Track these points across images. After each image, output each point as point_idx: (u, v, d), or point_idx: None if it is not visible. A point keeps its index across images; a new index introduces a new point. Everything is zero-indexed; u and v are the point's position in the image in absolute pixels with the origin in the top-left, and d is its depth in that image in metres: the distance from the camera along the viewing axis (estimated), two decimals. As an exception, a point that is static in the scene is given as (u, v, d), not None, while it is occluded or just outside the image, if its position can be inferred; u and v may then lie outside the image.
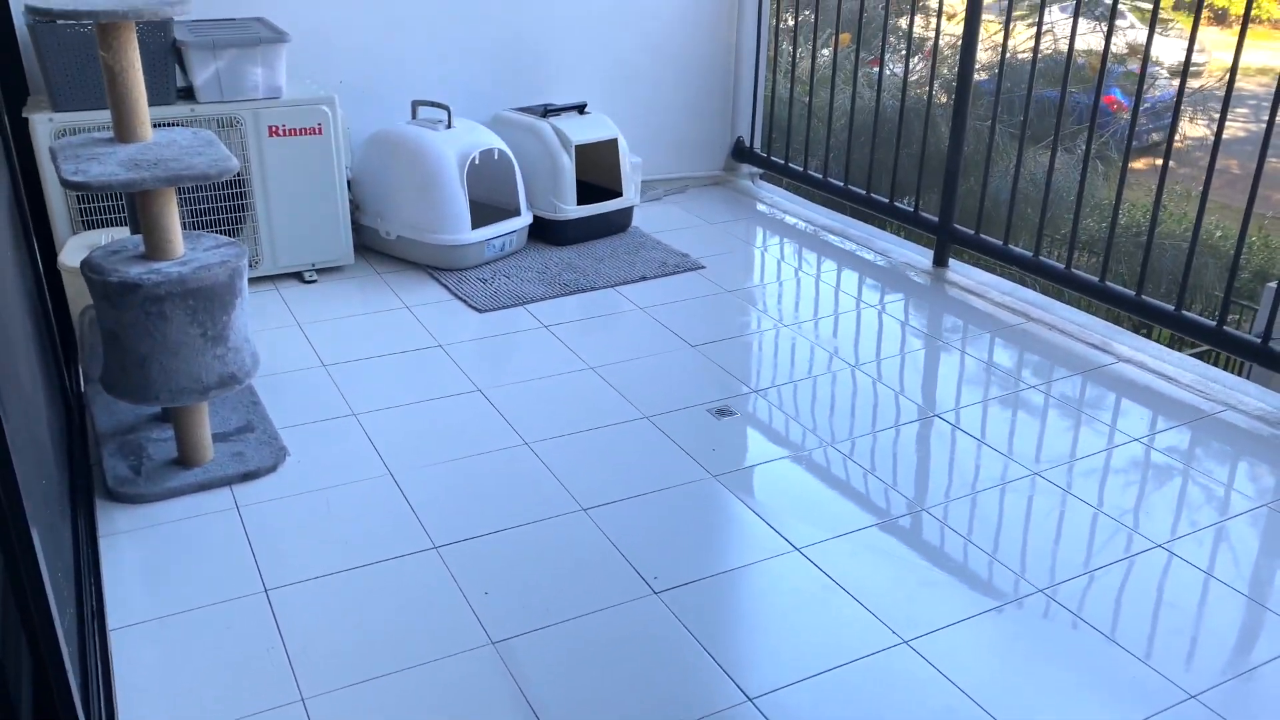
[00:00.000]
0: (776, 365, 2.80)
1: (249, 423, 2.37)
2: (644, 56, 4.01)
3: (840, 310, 3.16)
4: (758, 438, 2.44)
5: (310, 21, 3.37)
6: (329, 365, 2.72)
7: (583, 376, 2.69)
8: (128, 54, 1.99)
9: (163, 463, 2.20)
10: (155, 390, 2.02)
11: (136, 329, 1.97)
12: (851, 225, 3.87)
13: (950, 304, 3.21)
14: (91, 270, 1.98)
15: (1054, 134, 3.14)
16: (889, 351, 2.88)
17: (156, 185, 1.91)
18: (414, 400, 2.55)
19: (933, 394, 2.66)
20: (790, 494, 2.22)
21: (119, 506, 2.10)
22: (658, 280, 3.33)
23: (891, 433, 2.47)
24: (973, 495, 2.23)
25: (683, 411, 2.53)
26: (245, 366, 2.12)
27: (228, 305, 2.04)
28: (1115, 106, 9.08)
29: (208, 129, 2.93)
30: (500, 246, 3.39)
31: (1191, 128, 9.00)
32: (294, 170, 3.07)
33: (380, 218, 3.35)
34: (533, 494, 2.18)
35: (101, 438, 2.29)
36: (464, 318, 3.02)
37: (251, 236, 3.10)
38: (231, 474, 2.18)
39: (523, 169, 3.48)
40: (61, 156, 1.96)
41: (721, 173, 4.38)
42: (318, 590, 1.88)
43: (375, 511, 2.11)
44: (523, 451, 2.34)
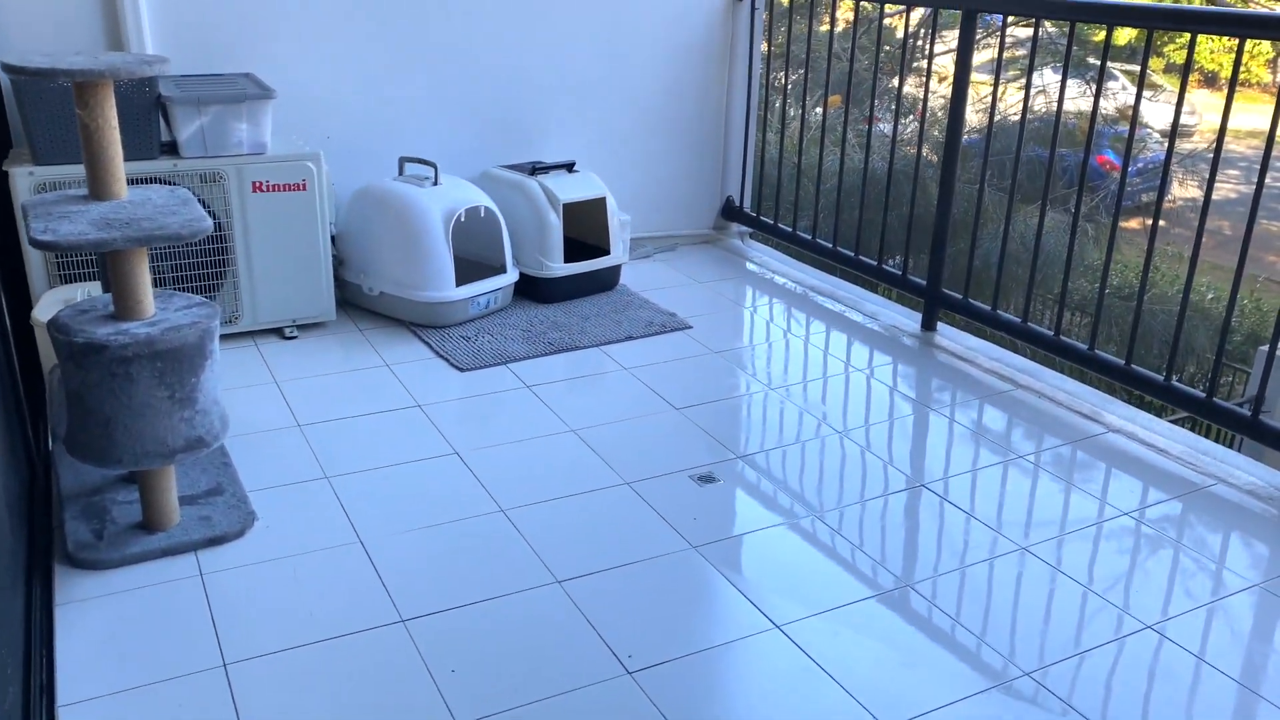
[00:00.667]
0: (763, 430, 2.75)
1: (219, 485, 2.31)
2: (634, 115, 4.02)
3: (829, 374, 3.12)
4: (741, 506, 2.38)
5: (300, 77, 3.37)
6: (304, 425, 2.66)
7: (563, 439, 2.64)
8: (104, 112, 1.97)
9: (126, 526, 2.14)
10: (119, 453, 1.96)
11: (101, 390, 1.92)
12: (840, 286, 3.85)
13: (939, 369, 3.17)
14: (57, 330, 1.93)
15: (1043, 195, 3.13)
16: (877, 417, 2.84)
17: (127, 245, 1.87)
18: (389, 463, 2.49)
19: (921, 463, 2.61)
20: (773, 567, 2.16)
21: (78, 573, 2.03)
22: (644, 340, 3.30)
23: (879, 503, 2.41)
24: (961, 570, 2.18)
25: (665, 478, 2.48)
26: (214, 429, 2.07)
27: (197, 367, 2.00)
28: (1108, 167, 9.16)
29: (190, 184, 2.91)
30: (485, 304, 3.36)
31: (1183, 189, 9.08)
32: (277, 226, 3.05)
33: (364, 274, 3.32)
34: (506, 565, 2.12)
35: (65, 499, 2.22)
36: (445, 377, 2.98)
37: (232, 292, 3.07)
38: (197, 539, 2.12)
39: (510, 226, 3.46)
40: (33, 214, 1.93)
41: (711, 231, 4.37)
42: (278, 665, 1.81)
43: (342, 581, 2.05)
44: (498, 519, 2.28)
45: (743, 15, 4.07)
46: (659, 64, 4.00)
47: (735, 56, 4.13)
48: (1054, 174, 3.21)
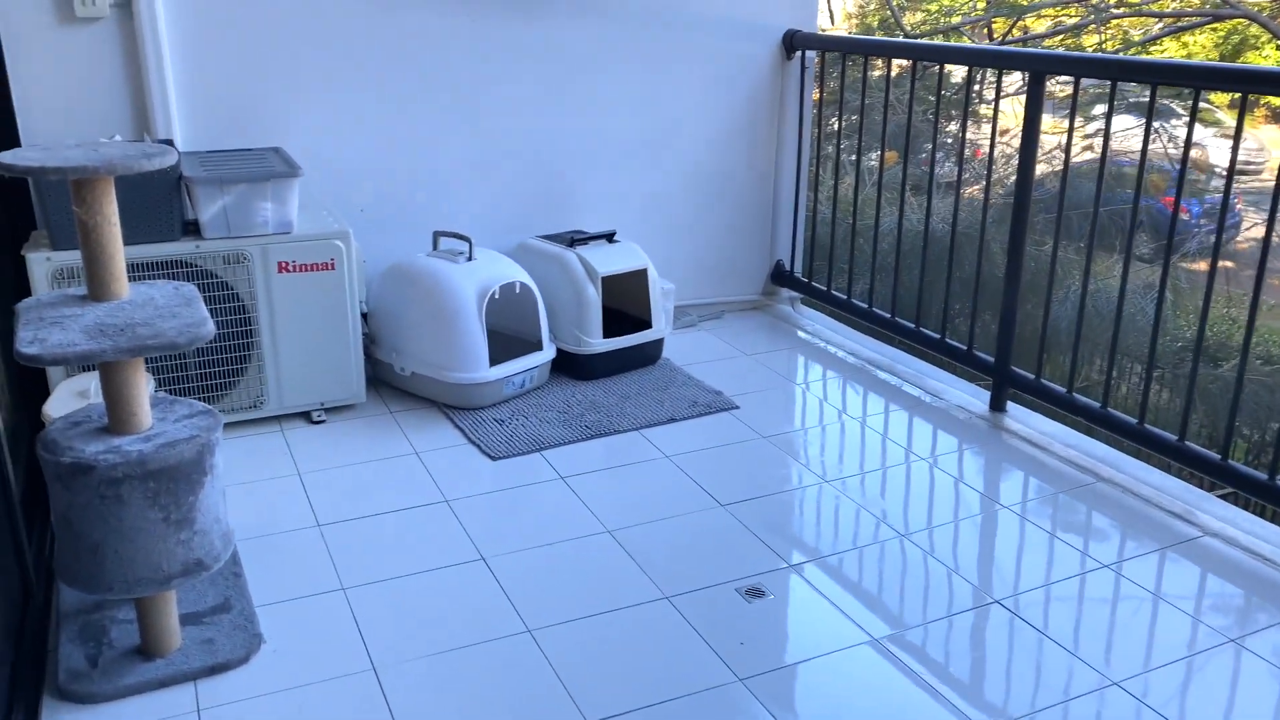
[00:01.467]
0: (816, 532, 2.52)
1: (226, 600, 2.15)
2: (678, 178, 3.85)
3: (888, 463, 2.88)
4: (792, 628, 2.15)
5: (331, 148, 3.26)
6: (324, 525, 2.50)
7: (598, 542, 2.44)
8: (103, 209, 1.84)
9: (124, 651, 1.98)
10: (109, 581, 1.80)
11: (89, 513, 1.76)
12: (900, 359, 3.61)
13: (1009, 456, 2.92)
14: (45, 449, 1.79)
15: (1126, 250, 2.86)
16: (941, 516, 2.59)
17: (118, 357, 1.73)
18: (410, 571, 2.31)
19: (989, 572, 2.36)
20: (829, 706, 1.92)
21: (68, 708, 1.87)
22: (687, 422, 3.09)
23: (943, 625, 2.17)
24: (1032, 715, 1.92)
25: (709, 590, 2.26)
26: (214, 550, 1.91)
27: (195, 485, 1.84)
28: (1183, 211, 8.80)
29: (213, 265, 2.79)
30: (520, 383, 3.19)
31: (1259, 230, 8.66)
32: (304, 307, 2.91)
33: (395, 353, 3.17)
34: (530, 701, 1.91)
35: (64, 616, 2.07)
36: (475, 466, 2.80)
37: (257, 375, 2.93)
38: (197, 667, 1.95)
39: (547, 300, 3.30)
40: (23, 320, 1.80)
41: (760, 297, 4.16)
42: (272, 829, 1.62)
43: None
44: (523, 641, 2.08)
45: (793, 71, 3.89)
46: (704, 125, 3.83)
47: (785, 114, 3.95)
48: (1116, 224, 2.95)
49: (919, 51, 3.83)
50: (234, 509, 2.51)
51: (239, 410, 2.94)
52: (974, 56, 3.75)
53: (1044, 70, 2.85)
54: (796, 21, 3.84)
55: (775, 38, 3.84)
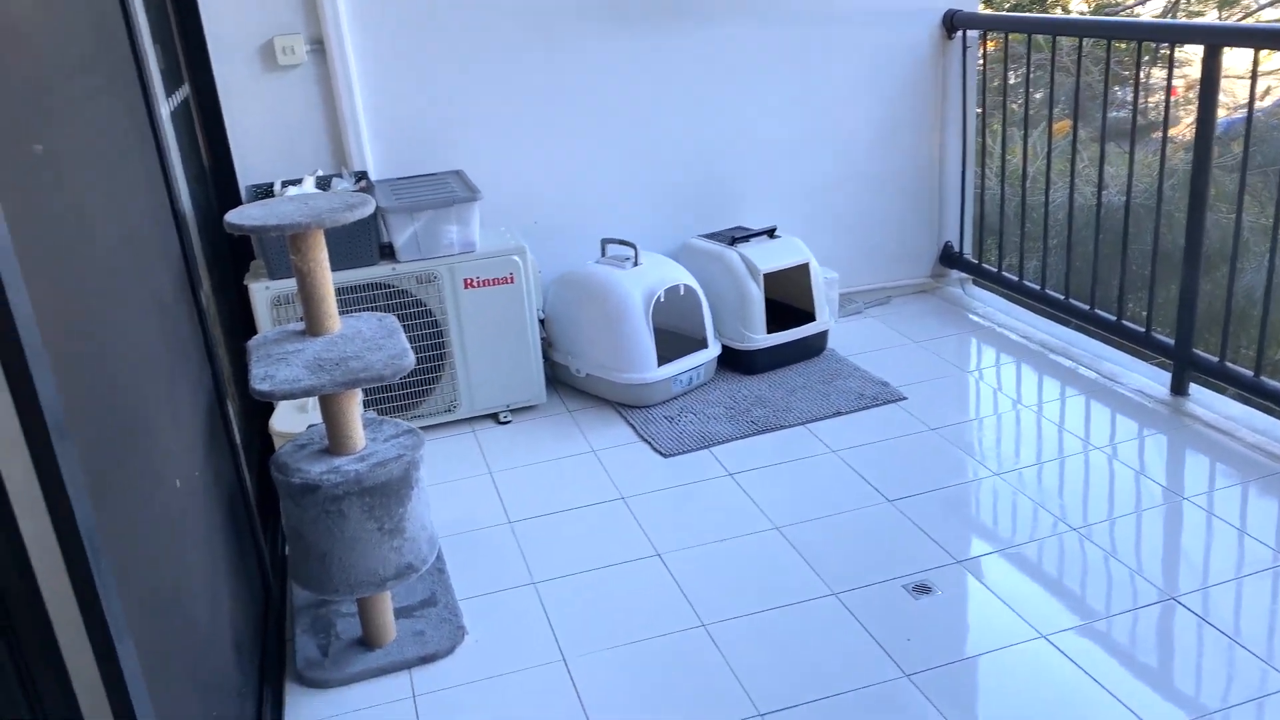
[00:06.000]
0: (987, 528, 2.54)
1: (432, 595, 2.39)
2: (839, 165, 3.87)
3: (1064, 453, 2.84)
4: (961, 626, 2.20)
5: (505, 167, 3.48)
6: (514, 522, 2.72)
7: (766, 539, 2.54)
8: (315, 256, 2.08)
9: (349, 642, 2.25)
10: (335, 584, 2.06)
11: (317, 526, 2.02)
12: (1075, 341, 3.52)
13: (1192, 443, 2.82)
14: (278, 470, 2.06)
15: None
16: (1122, 509, 2.55)
17: (335, 389, 1.97)
18: (593, 566, 2.49)
19: (1174, 569, 2.31)
20: (997, 702, 1.97)
21: (305, 692, 2.15)
22: (854, 415, 3.14)
23: (1126, 620, 2.16)
24: (1225, 711, 1.90)
25: (876, 587, 2.33)
26: (421, 554, 2.14)
27: (404, 498, 2.07)
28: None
29: (408, 285, 3.05)
30: (687, 380, 3.32)
31: None
32: (488, 318, 3.15)
33: (571, 355, 3.37)
34: (706, 692, 2.05)
35: (297, 611, 2.37)
36: (648, 463, 2.96)
37: (450, 382, 3.19)
38: (410, 657, 2.19)
39: (710, 298, 3.41)
40: (254, 358, 2.07)
41: (928, 280, 4.13)
42: (481, 804, 1.83)
43: (545, 709, 2.05)
44: (699, 635, 2.22)
45: (954, 51, 3.83)
46: (863, 110, 3.83)
47: (947, 95, 3.89)
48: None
49: (1085, 28, 3.68)
50: (435, 507, 2.77)
51: (435, 414, 3.22)
52: (1145, 31, 3.57)
53: (1221, 43, 2.72)
54: (956, 1, 3.77)
55: (934, 19, 3.78)
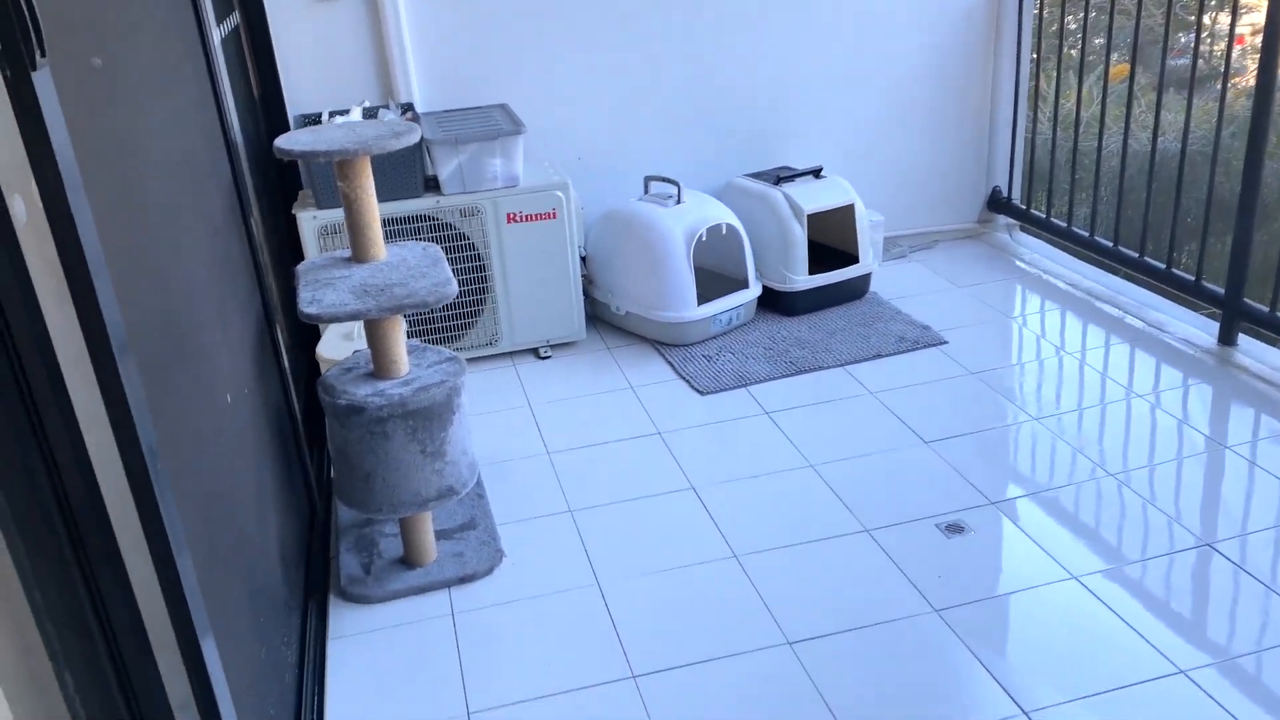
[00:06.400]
0: (1024, 471, 2.54)
1: (472, 519, 2.45)
2: (887, 105, 3.81)
3: (1106, 400, 2.83)
4: (992, 564, 2.22)
5: (551, 101, 3.47)
6: (552, 453, 2.77)
7: (801, 476, 2.57)
8: (362, 183, 2.11)
9: (390, 560, 2.32)
10: (379, 503, 2.13)
11: (361, 446, 2.08)
12: (1123, 289, 3.47)
13: (1238, 393, 2.79)
14: (324, 392, 2.11)
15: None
16: (1163, 456, 2.54)
17: (380, 315, 2.01)
18: (629, 497, 2.54)
19: (1213, 517, 2.31)
20: (1025, 640, 1.99)
21: (348, 606, 2.23)
22: (893, 358, 3.14)
23: (1161, 564, 2.16)
24: (1258, 654, 1.91)
25: (908, 525, 2.35)
26: (462, 478, 2.19)
27: (446, 422, 2.12)
28: None
29: (451, 218, 3.08)
30: (727, 320, 3.33)
31: None
32: (530, 253, 3.17)
33: (611, 293, 3.39)
34: (736, 620, 2.10)
35: (341, 530, 2.45)
36: (685, 401, 2.99)
37: (492, 316, 3.23)
38: (450, 577, 2.26)
39: (753, 238, 3.40)
40: (303, 283, 2.11)
41: (975, 225, 4.08)
42: (515, 718, 1.90)
43: (579, 629, 2.11)
44: (731, 566, 2.26)
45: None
46: (913, 49, 3.76)
47: (1002, 33, 3.80)
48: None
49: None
50: (476, 437, 2.83)
51: (477, 347, 3.26)
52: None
53: (1290, -21, 2.62)
54: (1015, -64, 3.67)
55: (991, -45, 3.69)
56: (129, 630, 1.35)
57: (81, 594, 1.32)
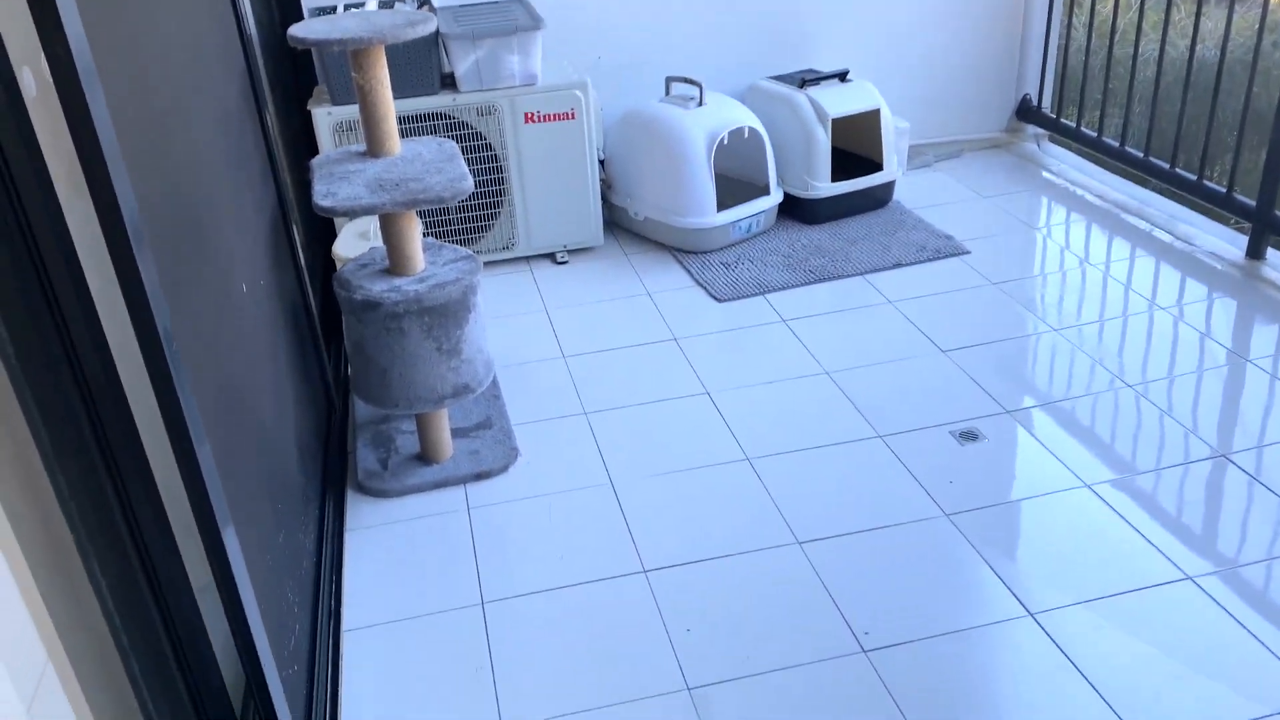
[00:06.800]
0: (1041, 381, 2.53)
1: (488, 418, 2.47)
2: (917, 7, 3.69)
3: (1129, 312, 2.79)
4: (1004, 471, 2.22)
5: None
6: (568, 356, 2.77)
7: (816, 383, 2.57)
8: (377, 74, 2.07)
9: (407, 456, 2.35)
10: (395, 399, 2.14)
11: (377, 342, 2.09)
12: (1151, 201, 3.40)
13: (1263, 308, 2.75)
14: (340, 286, 2.11)
15: None
16: (1183, 368, 2.52)
17: (395, 209, 1.99)
18: (643, 400, 2.55)
19: (1230, 429, 2.29)
20: (1033, 544, 2.01)
21: (365, 500, 2.27)
22: (914, 268, 3.10)
23: (1174, 474, 2.16)
24: (1268, 563, 1.92)
25: (922, 432, 2.35)
26: (478, 376, 2.20)
27: (461, 320, 2.12)
28: None
29: (468, 117, 3.04)
30: (747, 228, 3.29)
31: None
32: (548, 155, 3.13)
33: (629, 198, 3.35)
34: (748, 520, 2.12)
35: (359, 427, 2.47)
36: (703, 308, 2.97)
37: (508, 219, 3.21)
38: (466, 473, 2.29)
39: (775, 142, 3.34)
40: (317, 176, 2.09)
41: (1003, 134, 3.99)
42: (529, 608, 1.94)
43: (592, 525, 2.14)
44: (743, 469, 2.28)
45: (1051, -114, 3.57)
46: (949, -49, 3.63)
47: (1040, -65, 3.65)
48: None
49: None
50: (491, 339, 2.83)
51: (493, 251, 3.25)
52: None
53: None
54: None
55: None
56: (150, 515, 1.38)
57: (104, 480, 1.34)
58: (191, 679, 1.44)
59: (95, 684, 1.31)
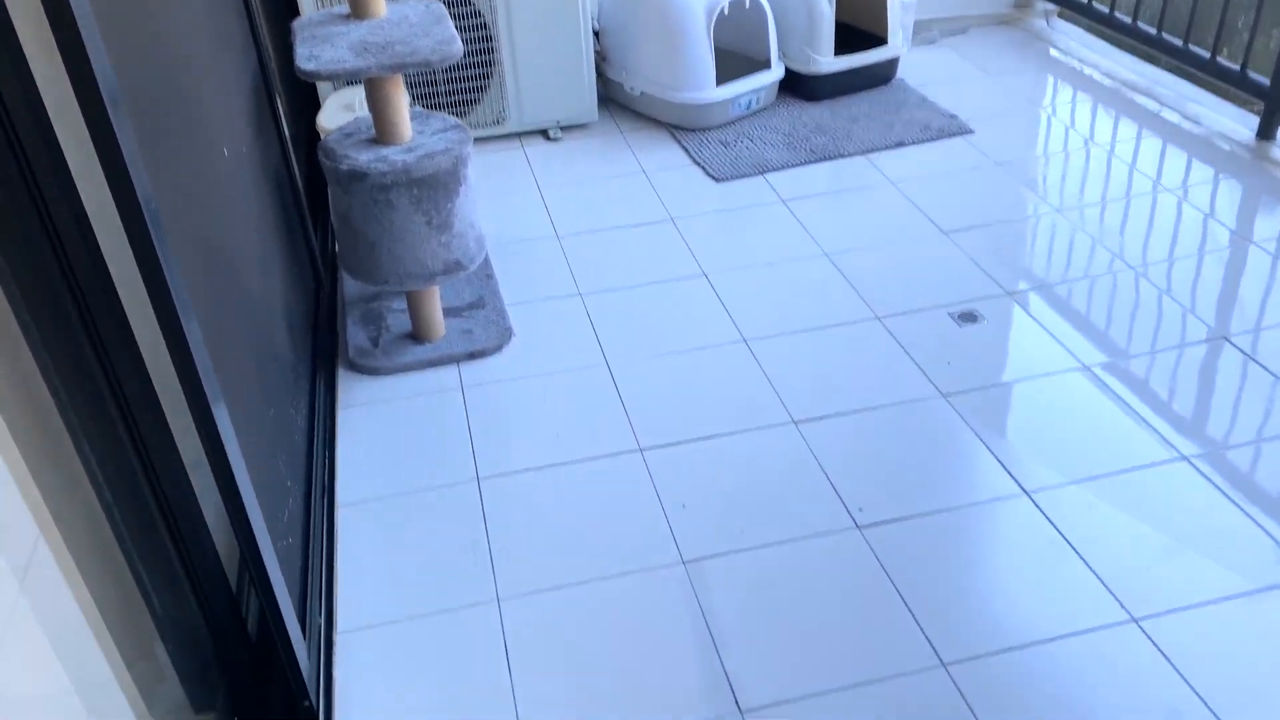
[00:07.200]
0: (1041, 262, 2.49)
1: (480, 298, 2.43)
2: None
3: (1132, 193, 2.73)
4: (1002, 353, 2.20)
5: None
6: (562, 236, 2.71)
7: (815, 264, 2.52)
8: (358, -71, 1.96)
9: (398, 335, 2.31)
10: (384, 274, 2.09)
11: (365, 214, 2.03)
12: (1161, 81, 3.30)
13: (1271, 190, 2.69)
14: (325, 156, 2.04)
15: None
16: (1184, 250, 2.48)
17: (381, 72, 1.90)
18: (639, 282, 2.50)
19: (1229, 310, 2.27)
20: (1029, 424, 2.00)
21: (357, 377, 2.24)
22: (917, 147, 3.02)
23: (1169, 356, 2.15)
24: (1257, 444, 1.92)
25: (920, 313, 2.32)
26: (470, 252, 2.15)
27: (451, 193, 2.05)
28: None
29: (455, -17, 2.89)
30: (746, 104, 3.19)
31: None
32: (540, 24, 2.99)
33: (625, 71, 3.23)
34: (744, 400, 2.11)
35: (348, 305, 2.43)
36: (700, 187, 2.90)
37: (499, 92, 3.10)
38: (459, 352, 2.26)
39: (778, 15, 3.21)
40: (299, 39, 2.00)
41: (1011, 10, 3.84)
42: (525, 484, 1.94)
43: (587, 404, 2.12)
44: (739, 349, 2.25)
45: None
46: None
47: None
48: None
49: None
50: (483, 218, 2.76)
51: (483, 126, 3.14)
52: None
53: None
54: None
55: None
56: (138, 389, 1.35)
57: (88, 353, 1.30)
58: (185, 551, 1.43)
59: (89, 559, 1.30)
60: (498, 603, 1.70)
